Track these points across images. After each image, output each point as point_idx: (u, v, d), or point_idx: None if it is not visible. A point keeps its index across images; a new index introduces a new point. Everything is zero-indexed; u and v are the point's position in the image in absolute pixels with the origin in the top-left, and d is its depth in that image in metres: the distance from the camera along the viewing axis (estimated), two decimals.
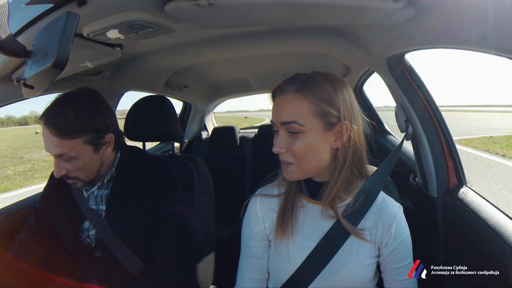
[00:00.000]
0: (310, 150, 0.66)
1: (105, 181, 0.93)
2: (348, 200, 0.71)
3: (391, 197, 0.76)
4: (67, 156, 0.82)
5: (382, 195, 0.74)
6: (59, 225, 0.95)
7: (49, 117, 0.80)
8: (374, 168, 0.78)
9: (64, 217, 0.94)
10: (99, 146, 0.87)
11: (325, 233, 0.71)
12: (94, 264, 0.93)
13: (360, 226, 0.71)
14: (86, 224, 0.92)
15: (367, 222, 0.72)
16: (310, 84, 0.66)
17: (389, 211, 0.72)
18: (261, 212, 0.78)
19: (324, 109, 0.66)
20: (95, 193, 0.93)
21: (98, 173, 0.90)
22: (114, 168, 0.93)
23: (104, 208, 0.92)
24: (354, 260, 0.70)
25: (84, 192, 0.93)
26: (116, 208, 0.91)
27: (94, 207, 0.93)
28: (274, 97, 0.71)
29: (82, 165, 0.85)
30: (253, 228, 0.78)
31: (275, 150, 0.68)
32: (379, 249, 0.73)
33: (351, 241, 0.71)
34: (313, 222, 0.73)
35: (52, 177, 0.99)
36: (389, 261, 0.72)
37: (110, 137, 0.90)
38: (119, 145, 0.95)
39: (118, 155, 0.95)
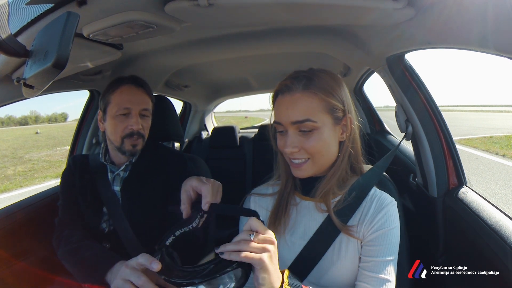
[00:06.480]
0: (324, 146, 0.67)
1: (129, 163, 1.03)
2: (340, 196, 0.71)
3: (387, 193, 0.74)
4: (150, 111, 1.03)
5: (374, 190, 0.72)
6: (84, 210, 1.03)
7: (138, 80, 1.01)
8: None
9: (88, 202, 1.03)
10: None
11: (315, 231, 0.70)
12: None
13: (350, 223, 0.69)
14: (105, 209, 1.01)
15: (356, 218, 0.70)
16: (316, 80, 0.67)
17: (378, 202, 0.69)
18: None
19: (333, 104, 0.67)
20: (121, 174, 1.03)
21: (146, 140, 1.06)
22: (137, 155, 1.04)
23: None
24: (342, 259, 0.68)
25: (110, 175, 1.03)
26: (132, 186, 1.00)
27: (117, 188, 1.02)
28: (276, 97, 0.71)
29: (148, 124, 1.04)
30: None
31: (288, 150, 0.67)
32: (362, 241, 0.68)
33: (341, 239, 0.69)
34: (305, 221, 0.73)
35: (67, 174, 1.09)
36: (368, 251, 0.66)
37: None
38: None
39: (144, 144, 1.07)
